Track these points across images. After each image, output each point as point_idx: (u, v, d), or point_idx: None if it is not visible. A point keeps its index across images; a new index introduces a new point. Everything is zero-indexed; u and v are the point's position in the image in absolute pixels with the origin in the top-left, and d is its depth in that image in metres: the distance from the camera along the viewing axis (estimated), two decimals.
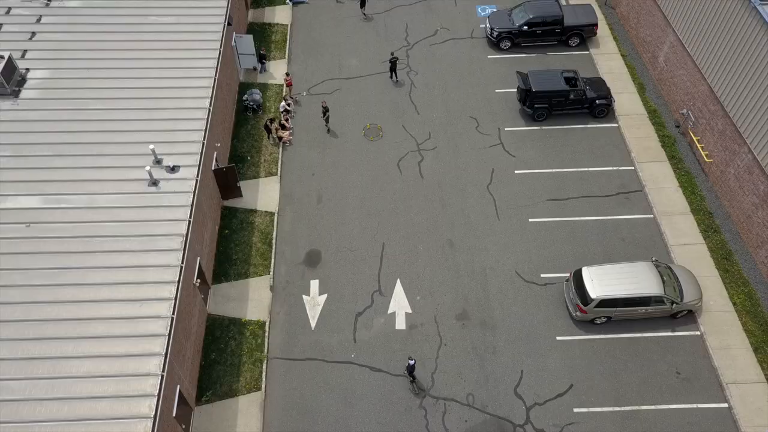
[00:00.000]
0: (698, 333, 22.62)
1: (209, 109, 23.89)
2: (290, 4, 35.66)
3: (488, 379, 21.67)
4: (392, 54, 31.20)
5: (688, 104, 27.93)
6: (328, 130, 28.95)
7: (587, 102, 28.89)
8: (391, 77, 31.65)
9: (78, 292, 18.76)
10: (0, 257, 19.36)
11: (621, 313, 22.28)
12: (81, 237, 20.02)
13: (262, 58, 31.39)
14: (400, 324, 23.08)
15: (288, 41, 33.52)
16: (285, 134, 28.97)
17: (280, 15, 35.14)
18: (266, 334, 22.82)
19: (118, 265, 19.41)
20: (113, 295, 18.75)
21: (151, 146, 21.71)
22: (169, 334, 17.99)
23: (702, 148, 26.98)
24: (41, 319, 18.18)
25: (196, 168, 22.05)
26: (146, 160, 22.09)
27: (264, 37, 33.62)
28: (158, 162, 22.02)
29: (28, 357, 17.50)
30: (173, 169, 21.84)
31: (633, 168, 27.59)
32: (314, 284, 24.23)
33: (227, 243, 25.33)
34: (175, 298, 18.79)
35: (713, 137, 26.22)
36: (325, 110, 28.44)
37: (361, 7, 35.10)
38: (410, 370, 20.85)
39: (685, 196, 26.41)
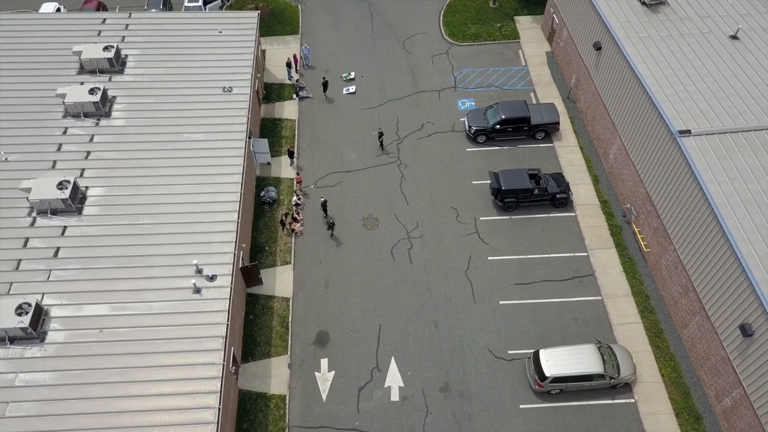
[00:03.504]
0: (633, 401, 28.25)
1: (237, 222, 29.37)
2: (296, 99, 41.17)
3: None
4: (379, 129, 37.94)
5: (631, 200, 33.59)
6: (332, 235, 34.36)
7: (549, 195, 34.52)
8: (380, 147, 38.10)
9: (145, 387, 24.24)
10: (82, 359, 24.84)
11: (570, 386, 27.90)
12: (143, 340, 25.48)
13: (291, 155, 37.12)
14: (395, 396, 28.62)
15: (296, 136, 39.06)
16: (296, 226, 34.49)
17: (288, 110, 40.67)
18: (287, 406, 28.34)
19: (174, 364, 24.87)
20: (172, 389, 24.22)
21: (194, 261, 27.23)
22: (218, 422, 23.48)
23: (642, 238, 32.64)
24: (116, 411, 23.63)
25: (230, 276, 27.54)
26: (189, 270, 27.56)
27: (275, 133, 39.15)
28: (199, 272, 27.49)
29: None
30: (212, 278, 27.33)
31: (586, 254, 33.22)
32: (324, 362, 29.73)
33: (252, 326, 30.82)
34: (220, 391, 24.28)
35: (650, 232, 31.88)
36: (330, 225, 33.74)
37: (324, 91, 40.95)
38: (323, 205, 34.09)
39: (627, 279, 32.05)
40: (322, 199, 34.74)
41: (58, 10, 44.51)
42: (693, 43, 33.04)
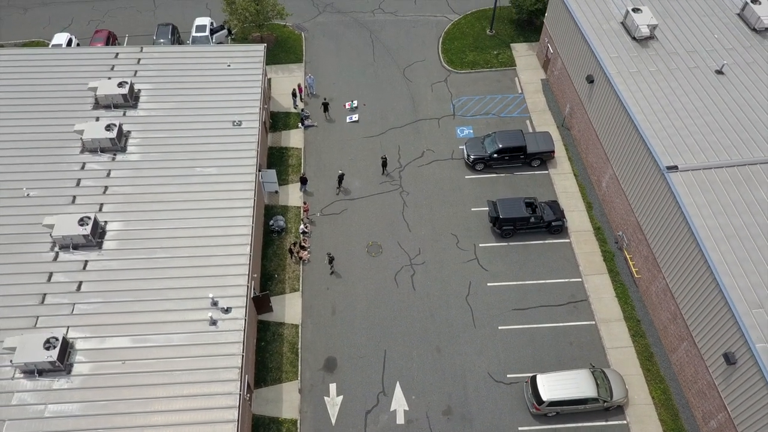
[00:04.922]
0: (625, 422, 29.92)
1: (250, 255, 30.94)
2: (302, 127, 42.75)
3: None
4: (383, 155, 39.69)
5: (623, 227, 35.25)
6: (332, 270, 35.81)
7: (545, 223, 36.16)
8: (383, 173, 39.76)
9: (166, 417, 25.80)
10: (106, 390, 26.39)
11: (566, 409, 29.55)
12: (163, 371, 27.05)
13: (303, 182, 38.84)
14: (400, 419, 30.22)
15: (303, 165, 40.64)
16: (304, 253, 36.08)
17: (294, 138, 42.25)
18: (298, 430, 29.92)
19: (193, 394, 26.45)
20: (192, 419, 25.79)
21: (210, 294, 28.81)
22: None
23: (633, 265, 34.31)
24: None
25: (244, 309, 29.13)
26: (205, 302, 29.11)
27: (282, 161, 40.73)
28: (215, 304, 29.05)
29: None
30: (227, 310, 28.90)
31: (580, 280, 34.86)
32: (333, 387, 31.32)
33: (263, 353, 32.39)
34: (238, 420, 25.85)
35: (641, 259, 33.55)
36: (331, 258, 35.21)
37: (325, 111, 42.78)
38: (340, 178, 37.94)
39: (619, 304, 33.71)
40: (340, 172, 38.35)
41: (71, 40, 45.93)
42: (680, 78, 34.73)
